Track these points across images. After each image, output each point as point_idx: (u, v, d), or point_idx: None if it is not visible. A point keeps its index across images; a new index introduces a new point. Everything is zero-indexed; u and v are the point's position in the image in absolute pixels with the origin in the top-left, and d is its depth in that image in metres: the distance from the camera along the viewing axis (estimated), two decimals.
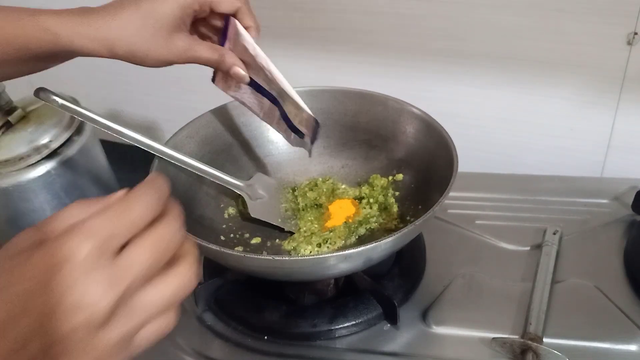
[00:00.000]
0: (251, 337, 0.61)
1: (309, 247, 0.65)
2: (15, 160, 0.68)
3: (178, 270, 0.29)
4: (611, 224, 0.70)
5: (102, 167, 0.79)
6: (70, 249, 0.25)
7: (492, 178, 0.80)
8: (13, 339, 0.25)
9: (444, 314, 0.61)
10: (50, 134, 0.70)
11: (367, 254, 0.53)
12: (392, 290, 0.63)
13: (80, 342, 0.26)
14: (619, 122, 0.76)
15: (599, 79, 0.73)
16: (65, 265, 0.25)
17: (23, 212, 0.70)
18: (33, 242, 0.27)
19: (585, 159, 0.81)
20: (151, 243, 0.28)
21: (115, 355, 0.27)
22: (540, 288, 0.62)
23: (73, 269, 0.25)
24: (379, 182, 0.70)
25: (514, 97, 0.79)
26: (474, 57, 0.77)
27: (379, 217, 0.68)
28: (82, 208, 0.28)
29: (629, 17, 0.68)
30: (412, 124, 0.68)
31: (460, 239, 0.71)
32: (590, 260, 0.66)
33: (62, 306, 0.25)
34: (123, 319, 0.27)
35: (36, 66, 0.54)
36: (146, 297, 0.28)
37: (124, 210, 0.27)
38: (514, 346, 0.56)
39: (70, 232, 0.26)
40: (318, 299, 0.63)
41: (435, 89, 0.82)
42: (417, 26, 0.78)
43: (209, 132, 0.71)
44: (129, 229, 0.27)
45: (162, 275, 0.28)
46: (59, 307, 0.25)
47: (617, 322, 0.58)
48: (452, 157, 0.60)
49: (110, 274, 0.26)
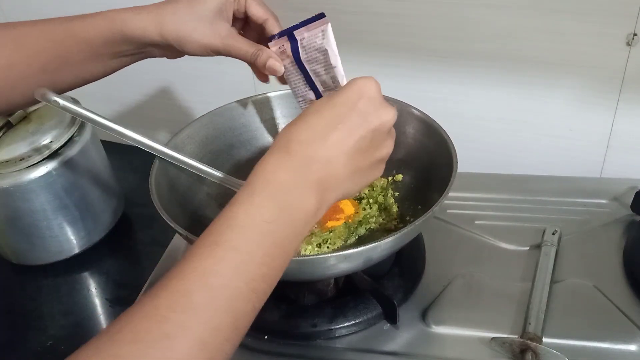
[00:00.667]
0: (251, 336, 0.61)
1: (309, 247, 0.65)
2: (16, 161, 0.68)
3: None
4: (610, 224, 0.70)
5: (102, 168, 0.79)
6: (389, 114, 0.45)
7: (492, 178, 0.80)
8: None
9: (443, 314, 0.61)
10: (51, 134, 0.70)
11: (367, 254, 0.53)
12: (392, 290, 0.63)
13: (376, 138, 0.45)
14: (618, 122, 0.76)
15: (599, 79, 0.73)
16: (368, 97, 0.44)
17: (24, 212, 0.71)
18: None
19: (584, 159, 0.81)
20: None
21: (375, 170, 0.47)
22: (539, 288, 0.62)
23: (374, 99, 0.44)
24: (379, 183, 0.71)
25: (513, 97, 0.79)
26: (473, 57, 0.77)
27: (379, 218, 0.69)
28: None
29: (629, 17, 0.68)
30: (412, 124, 0.69)
31: (459, 239, 0.71)
32: (590, 260, 0.66)
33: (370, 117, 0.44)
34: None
35: (105, 63, 0.58)
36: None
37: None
38: (514, 346, 0.56)
39: (388, 105, 0.46)
40: (318, 299, 0.63)
41: (435, 89, 0.82)
42: (417, 26, 0.78)
43: (209, 133, 0.71)
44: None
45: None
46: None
47: (617, 322, 0.59)
48: (451, 158, 0.60)
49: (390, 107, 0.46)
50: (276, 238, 0.39)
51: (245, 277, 0.37)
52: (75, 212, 0.74)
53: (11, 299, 0.75)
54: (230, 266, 0.36)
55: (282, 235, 0.39)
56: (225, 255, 0.37)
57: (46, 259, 0.76)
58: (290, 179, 0.41)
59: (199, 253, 0.37)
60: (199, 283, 0.35)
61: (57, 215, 0.72)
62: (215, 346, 0.34)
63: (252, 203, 0.39)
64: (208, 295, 0.35)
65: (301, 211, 0.40)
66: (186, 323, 0.33)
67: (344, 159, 0.42)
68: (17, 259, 0.77)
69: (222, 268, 0.36)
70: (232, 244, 0.37)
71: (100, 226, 0.78)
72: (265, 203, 0.39)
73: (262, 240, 0.38)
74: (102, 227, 0.79)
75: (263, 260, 0.38)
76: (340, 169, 0.43)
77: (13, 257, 0.77)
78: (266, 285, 0.38)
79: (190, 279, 0.35)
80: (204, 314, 0.34)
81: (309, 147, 0.42)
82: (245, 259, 0.37)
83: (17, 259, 0.77)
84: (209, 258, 0.36)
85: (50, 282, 0.76)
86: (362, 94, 0.43)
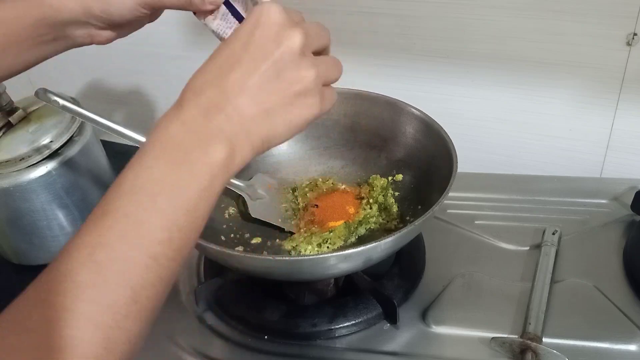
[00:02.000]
0: (251, 336, 0.61)
1: (309, 247, 0.65)
2: (16, 161, 0.68)
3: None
4: (610, 224, 0.70)
5: (102, 167, 0.79)
6: (292, 37, 0.38)
7: (492, 178, 0.80)
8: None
9: (443, 314, 0.61)
10: (51, 134, 0.70)
11: (367, 254, 0.53)
12: (392, 290, 0.63)
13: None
14: (618, 122, 0.76)
15: (599, 79, 0.74)
16: (287, 47, 0.38)
17: (24, 212, 0.71)
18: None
19: (584, 159, 0.81)
20: (331, 59, 0.42)
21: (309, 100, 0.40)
22: (539, 288, 0.62)
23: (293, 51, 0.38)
24: (379, 183, 0.71)
25: (513, 97, 0.79)
26: (473, 57, 0.77)
27: (379, 217, 0.69)
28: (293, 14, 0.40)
29: (629, 18, 0.68)
30: (412, 124, 0.69)
31: (459, 239, 0.71)
32: (590, 260, 0.66)
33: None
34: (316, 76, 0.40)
35: (20, 54, 0.53)
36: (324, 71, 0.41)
37: (321, 31, 0.42)
38: (513, 346, 0.56)
39: (292, 27, 0.38)
40: (318, 299, 0.63)
41: (435, 89, 0.82)
42: (417, 27, 0.78)
43: None
44: (323, 43, 0.42)
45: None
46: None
47: (617, 322, 0.59)
48: (451, 158, 0.60)
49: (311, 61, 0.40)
50: (173, 198, 0.35)
51: (140, 245, 0.33)
52: (75, 212, 0.74)
53: (11, 299, 0.75)
54: (119, 235, 0.33)
55: (182, 193, 0.35)
56: (114, 224, 0.33)
57: (46, 259, 0.75)
58: (182, 131, 0.36)
59: (86, 227, 0.34)
60: (84, 259, 0.32)
61: (57, 215, 0.72)
62: (111, 324, 0.31)
63: (141, 164, 0.36)
64: (95, 271, 0.32)
65: (202, 164, 0.36)
66: (71, 305, 0.31)
67: (247, 100, 0.38)
68: (18, 259, 0.77)
69: (109, 239, 0.33)
70: (121, 211, 0.34)
71: None
72: (155, 162, 0.35)
73: (154, 203, 0.34)
74: None
75: (162, 224, 0.34)
76: (244, 112, 0.38)
77: (13, 257, 0.77)
78: (172, 250, 0.34)
79: (74, 257, 0.32)
80: (92, 292, 0.31)
81: (204, 94, 0.38)
82: (135, 226, 0.33)
83: (17, 259, 0.77)
84: (95, 230, 0.33)
85: None
86: (258, 23, 0.38)
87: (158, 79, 0.99)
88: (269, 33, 0.38)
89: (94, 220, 0.34)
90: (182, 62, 0.62)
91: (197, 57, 0.60)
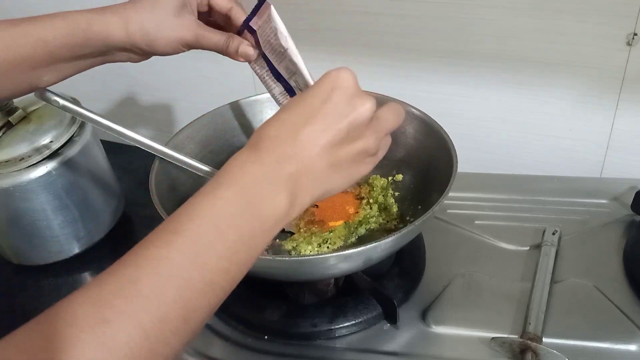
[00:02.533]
0: (251, 336, 0.61)
1: (309, 247, 0.65)
2: (16, 161, 0.68)
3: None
4: (610, 224, 0.70)
5: (102, 168, 0.79)
6: (365, 104, 0.42)
7: (492, 178, 0.80)
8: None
9: (443, 314, 0.61)
10: (51, 134, 0.70)
11: (367, 254, 0.53)
12: (392, 290, 0.63)
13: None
14: (618, 122, 0.76)
15: (599, 79, 0.73)
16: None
17: (24, 212, 0.71)
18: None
19: (584, 159, 0.81)
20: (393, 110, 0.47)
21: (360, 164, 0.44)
22: (539, 288, 0.62)
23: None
24: (379, 183, 0.71)
25: (513, 97, 0.79)
26: (473, 57, 0.77)
27: (379, 217, 0.69)
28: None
29: (629, 17, 0.68)
30: (412, 124, 0.69)
31: (459, 239, 0.71)
32: (590, 260, 0.66)
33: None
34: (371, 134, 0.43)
35: (59, 68, 0.55)
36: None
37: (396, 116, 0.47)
38: (513, 346, 0.56)
39: (365, 95, 0.42)
40: (318, 299, 0.63)
41: (435, 89, 0.82)
42: (417, 27, 0.78)
43: (209, 133, 0.71)
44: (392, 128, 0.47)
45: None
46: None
47: (617, 322, 0.59)
48: (451, 158, 0.60)
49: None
50: (240, 233, 0.37)
51: (201, 269, 0.35)
52: (75, 212, 0.74)
53: (11, 299, 0.75)
54: (185, 256, 0.35)
55: (247, 230, 0.37)
56: (182, 244, 0.35)
57: (46, 259, 0.76)
58: (258, 173, 0.39)
59: (155, 240, 0.35)
60: (149, 270, 0.33)
61: (57, 215, 0.72)
62: (159, 337, 0.33)
63: (216, 195, 0.38)
64: (157, 284, 0.33)
65: (270, 207, 0.39)
66: (128, 310, 0.32)
67: (317, 155, 0.40)
68: (18, 259, 0.77)
69: (176, 257, 0.34)
70: (190, 233, 0.35)
71: (100, 226, 0.78)
72: (231, 196, 0.38)
73: (224, 233, 0.36)
74: (102, 227, 0.79)
75: (224, 254, 0.36)
76: (314, 165, 0.41)
77: (13, 257, 0.77)
78: (226, 281, 0.37)
79: (141, 266, 0.34)
80: (150, 302, 0.32)
81: (279, 143, 0.40)
82: (202, 250, 0.35)
83: (17, 259, 0.77)
84: (164, 246, 0.35)
85: (50, 282, 0.76)
86: (336, 85, 0.41)
87: (158, 79, 0.99)
88: (345, 97, 0.41)
89: (162, 236, 0.36)
90: (183, 62, 0.62)
91: (198, 57, 0.60)
